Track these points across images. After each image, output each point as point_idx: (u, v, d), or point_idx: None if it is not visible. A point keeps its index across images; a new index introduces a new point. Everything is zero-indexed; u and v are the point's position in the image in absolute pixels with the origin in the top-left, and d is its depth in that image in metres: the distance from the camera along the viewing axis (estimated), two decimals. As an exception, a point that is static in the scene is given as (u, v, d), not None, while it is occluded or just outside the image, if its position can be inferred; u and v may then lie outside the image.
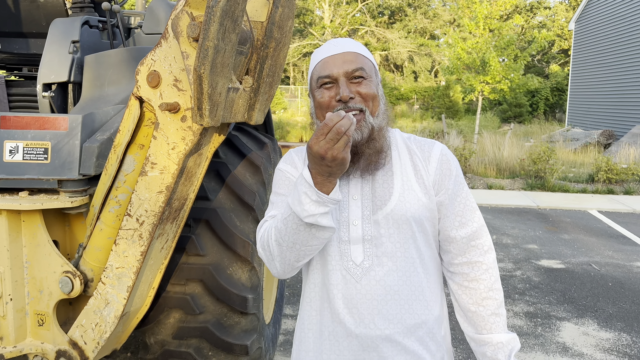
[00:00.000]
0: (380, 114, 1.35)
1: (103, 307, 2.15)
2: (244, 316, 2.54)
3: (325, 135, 1.12)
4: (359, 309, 1.33)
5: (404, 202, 1.34)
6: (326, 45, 1.39)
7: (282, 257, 1.30)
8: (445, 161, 1.40)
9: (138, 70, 1.90)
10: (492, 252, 1.41)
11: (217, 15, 1.62)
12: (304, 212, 1.19)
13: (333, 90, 1.32)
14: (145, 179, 1.99)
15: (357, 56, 1.34)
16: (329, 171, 1.15)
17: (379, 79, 1.39)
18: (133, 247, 2.07)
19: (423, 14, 35.58)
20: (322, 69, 1.34)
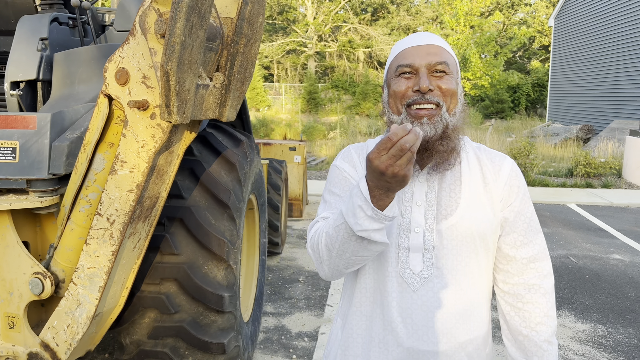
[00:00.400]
0: (457, 113, 1.29)
1: (75, 308, 2.12)
2: (220, 315, 2.53)
3: (387, 150, 1.04)
4: (413, 319, 1.29)
5: (471, 215, 1.29)
6: (411, 36, 1.34)
7: (331, 262, 1.26)
8: (515, 177, 1.34)
9: (106, 68, 1.88)
10: (551, 277, 1.36)
11: (183, 11, 1.61)
12: (357, 225, 1.14)
13: (412, 81, 1.26)
14: (115, 178, 1.97)
15: (442, 50, 1.29)
16: (387, 187, 1.09)
17: (459, 78, 1.34)
18: (104, 247, 2.04)
19: (406, 10, 35.70)
20: (404, 58, 1.28)
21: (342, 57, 34.56)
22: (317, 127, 17.41)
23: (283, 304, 4.27)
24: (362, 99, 29.41)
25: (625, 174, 9.54)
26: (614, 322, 4.00)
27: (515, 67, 31.23)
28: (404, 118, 1.27)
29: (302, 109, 28.17)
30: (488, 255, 1.34)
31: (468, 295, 1.30)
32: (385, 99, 1.34)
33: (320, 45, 33.73)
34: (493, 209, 1.32)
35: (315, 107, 28.38)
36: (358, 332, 1.38)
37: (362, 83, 30.22)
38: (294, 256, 5.49)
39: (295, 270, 5.07)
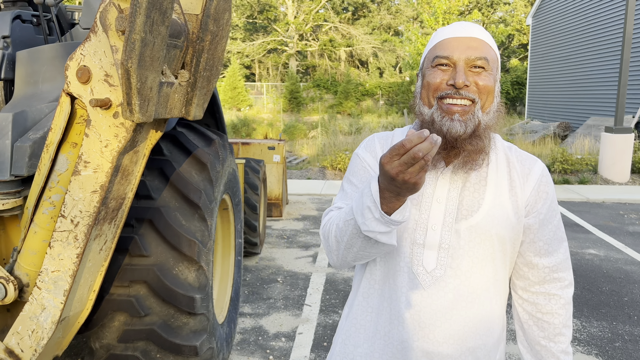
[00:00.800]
0: (492, 112, 1.23)
1: (39, 313, 2.07)
2: (192, 317, 2.49)
3: (400, 156, 1.00)
4: (421, 317, 1.26)
5: (492, 217, 1.24)
6: (453, 25, 1.27)
7: (339, 253, 1.24)
8: (545, 183, 1.29)
9: (67, 66, 1.83)
10: (572, 287, 1.33)
11: (143, 7, 1.57)
12: (364, 225, 1.12)
13: (448, 74, 1.20)
14: (79, 179, 1.92)
15: (484, 44, 1.23)
16: (398, 191, 1.06)
17: (499, 76, 1.28)
18: (68, 250, 1.99)
19: (387, 9, 35.83)
20: (442, 49, 1.22)
21: (323, 56, 34.56)
22: (298, 126, 17.37)
23: (261, 305, 4.24)
24: (344, 98, 29.43)
25: (600, 170, 9.68)
26: (588, 317, 4.05)
27: (494, 65, 31.43)
28: (434, 111, 1.22)
29: (284, 108, 28.10)
30: (505, 261, 1.30)
31: (481, 299, 1.26)
32: (418, 89, 1.29)
33: (302, 45, 33.68)
34: (517, 214, 1.27)
35: (297, 107, 28.33)
36: (362, 323, 1.36)
37: (344, 82, 30.26)
38: (273, 256, 5.46)
39: (274, 270, 5.04)
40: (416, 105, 1.28)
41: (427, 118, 1.23)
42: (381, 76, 34.16)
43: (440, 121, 1.20)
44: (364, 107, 29.49)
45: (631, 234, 6.34)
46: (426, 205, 1.27)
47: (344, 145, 11.94)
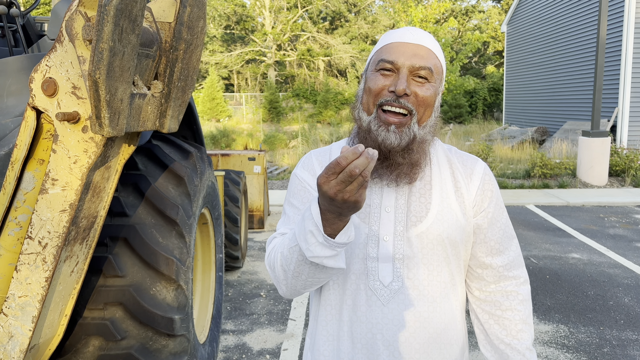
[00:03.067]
0: (428, 126, 1.21)
1: (6, 341, 1.94)
2: (171, 338, 2.37)
3: (336, 174, 0.94)
4: (384, 335, 1.21)
5: (442, 221, 1.21)
6: (402, 30, 1.24)
7: (288, 282, 1.17)
8: (488, 181, 1.28)
9: (32, 78, 1.72)
10: (528, 284, 1.32)
11: (111, 15, 1.48)
12: (309, 252, 1.06)
13: (390, 80, 1.17)
14: (46, 197, 1.81)
15: (430, 54, 1.19)
16: (339, 212, 1.00)
17: (442, 88, 1.25)
18: (36, 273, 1.87)
19: (364, 19, 36.08)
20: (388, 53, 1.18)
21: (301, 65, 34.60)
22: (278, 136, 17.29)
23: (244, 321, 4.12)
24: (324, 107, 29.45)
25: (579, 173, 9.79)
26: (575, 322, 4.02)
27: (471, 72, 31.93)
28: (372, 120, 1.18)
29: (264, 118, 28.00)
30: (460, 265, 1.28)
31: (443, 307, 1.24)
32: (360, 92, 1.25)
33: (280, 55, 33.68)
34: (465, 215, 1.25)
35: (276, 116, 28.27)
36: (325, 354, 1.29)
37: (323, 91, 30.29)
38: (255, 269, 5.34)
39: (256, 284, 4.93)
40: (356, 109, 1.24)
41: (364, 125, 1.20)
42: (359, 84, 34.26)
43: (376, 130, 1.17)
44: (343, 115, 29.53)
45: (612, 237, 6.38)
46: (375, 216, 1.24)
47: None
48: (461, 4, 37.25)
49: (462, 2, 37.45)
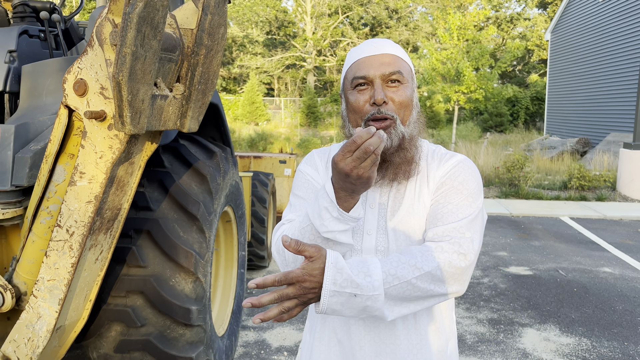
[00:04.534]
0: (412, 122, 1.29)
1: (35, 321, 2.10)
2: (188, 328, 2.50)
3: (352, 152, 1.06)
4: (365, 320, 1.32)
5: (413, 213, 1.29)
6: (363, 45, 1.33)
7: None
8: (459, 168, 1.30)
9: (65, 79, 1.87)
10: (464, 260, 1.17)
11: (134, 22, 1.61)
12: (323, 227, 1.16)
13: (367, 93, 1.26)
14: (75, 189, 1.96)
15: (396, 59, 1.28)
16: (353, 188, 1.11)
17: (415, 84, 1.34)
18: (64, 259, 2.02)
19: (405, 25, 35.95)
20: (358, 69, 1.28)
21: (340, 71, 34.73)
22: (313, 140, 17.44)
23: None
24: (361, 112, 29.44)
25: (619, 186, 9.50)
26: (599, 336, 3.95)
27: (514, 80, 31.35)
28: None
29: (301, 122, 28.24)
30: None
31: None
32: (344, 112, 1.35)
33: (320, 60, 33.92)
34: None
35: (314, 121, 28.46)
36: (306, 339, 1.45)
37: (361, 97, 30.29)
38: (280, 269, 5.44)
39: (280, 283, 5.03)
40: (346, 127, 1.34)
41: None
42: (399, 91, 34.12)
43: None
44: (381, 122, 29.44)
45: (648, 253, 6.19)
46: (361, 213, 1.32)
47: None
48: (506, 11, 36.64)
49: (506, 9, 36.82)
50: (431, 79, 11.97)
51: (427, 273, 1.14)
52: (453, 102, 11.82)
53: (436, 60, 11.42)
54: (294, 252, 1.06)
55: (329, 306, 1.08)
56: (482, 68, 11.79)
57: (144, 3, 1.61)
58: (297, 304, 1.06)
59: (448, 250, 1.18)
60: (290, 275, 1.05)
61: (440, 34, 11.78)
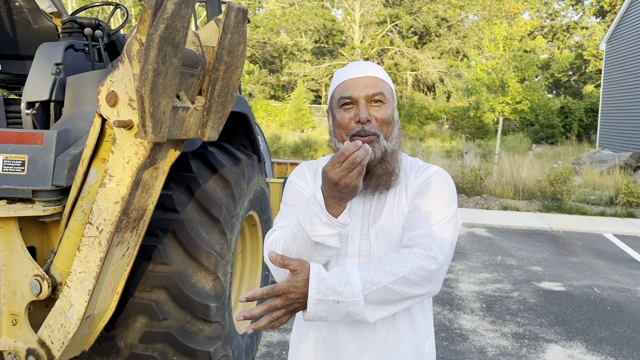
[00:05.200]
0: (394, 138, 1.42)
1: (67, 309, 2.31)
2: (207, 324, 2.66)
3: (341, 163, 1.18)
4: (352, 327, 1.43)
5: (392, 220, 1.41)
6: (349, 67, 1.46)
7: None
8: (433, 178, 1.42)
9: (99, 90, 2.08)
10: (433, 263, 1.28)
11: (156, 42, 1.79)
12: (314, 231, 1.27)
13: (352, 112, 1.40)
14: (104, 190, 2.16)
15: (378, 81, 1.42)
16: (341, 196, 1.23)
17: (395, 103, 1.47)
18: (93, 253, 2.23)
19: (455, 34, 35.57)
20: (344, 90, 1.41)
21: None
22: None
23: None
24: (407, 121, 29.35)
25: (671, 204, 9.11)
26: (627, 356, 3.86)
27: (569, 91, 30.40)
28: None
29: (347, 130, 28.31)
30: None
31: None
32: (331, 128, 1.49)
33: (367, 68, 33.97)
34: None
35: (359, 129, 28.47)
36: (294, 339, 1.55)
37: (408, 105, 30.20)
38: (311, 274, 5.57)
39: (309, 288, 5.16)
40: (332, 141, 1.47)
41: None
42: (448, 100, 33.81)
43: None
44: (427, 130, 29.24)
45: (693, 274, 5.94)
46: None
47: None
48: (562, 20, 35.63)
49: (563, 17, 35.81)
50: (475, 89, 11.85)
51: (401, 278, 1.25)
52: (497, 112, 11.65)
53: (480, 71, 11.31)
54: (279, 266, 1.19)
55: (315, 313, 1.20)
56: (528, 79, 11.57)
57: (165, 25, 1.79)
58: (284, 313, 1.19)
59: (420, 255, 1.29)
60: (277, 288, 1.18)
61: (486, 44, 11.67)
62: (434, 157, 12.04)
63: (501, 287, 5.34)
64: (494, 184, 10.52)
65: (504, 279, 5.61)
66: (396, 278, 1.25)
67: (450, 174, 9.41)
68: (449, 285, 5.35)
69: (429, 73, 33.53)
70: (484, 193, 10.23)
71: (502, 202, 9.76)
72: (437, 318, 4.48)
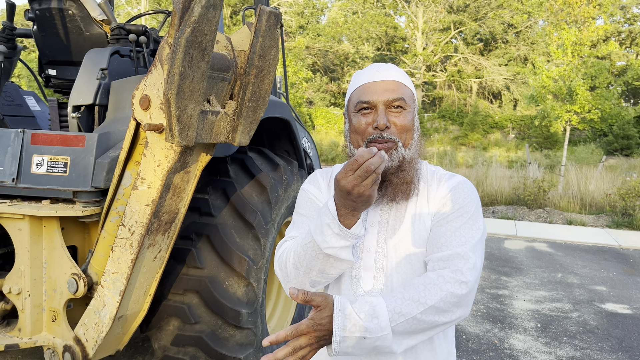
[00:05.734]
0: (413, 146, 1.33)
1: (101, 308, 2.36)
2: (238, 330, 2.64)
3: (354, 171, 1.11)
4: None
5: (413, 232, 1.31)
6: (369, 70, 1.38)
7: (298, 280, 1.31)
8: (458, 190, 1.32)
9: (134, 95, 2.10)
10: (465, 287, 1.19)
11: (182, 45, 1.79)
12: (325, 243, 1.20)
13: (370, 117, 1.31)
14: (136, 193, 2.19)
15: (399, 85, 1.33)
16: (354, 206, 1.16)
17: (416, 109, 1.38)
18: (125, 255, 2.26)
19: (523, 40, 34.33)
20: (363, 94, 1.33)
21: (451, 87, 33.99)
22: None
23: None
24: (470, 129, 28.58)
25: None
26: (699, 391, 3.50)
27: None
28: None
29: (407, 138, 27.94)
30: None
31: None
32: (347, 132, 1.41)
33: (429, 76, 33.46)
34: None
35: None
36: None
37: (471, 113, 29.41)
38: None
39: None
40: (347, 147, 1.38)
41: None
42: (514, 108, 32.65)
43: None
44: (492, 139, 28.33)
45: None
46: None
47: (458, 179, 11.52)
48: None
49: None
50: (540, 97, 11.32)
51: (431, 307, 1.17)
52: (564, 122, 11.07)
53: (546, 78, 10.79)
54: (301, 303, 1.11)
55: (341, 350, 1.12)
56: (599, 86, 10.91)
57: (191, 29, 1.79)
58: (309, 351, 1.12)
59: (449, 279, 1.20)
60: (300, 328, 1.10)
61: (552, 50, 11.13)
62: (494, 167, 11.59)
63: (559, 307, 5.01)
64: (559, 196, 9.98)
65: (563, 298, 5.26)
66: (425, 308, 1.17)
67: (510, 186, 8.95)
68: (502, 302, 5.09)
69: (494, 80, 32.52)
70: (547, 206, 9.72)
71: (566, 216, 9.23)
72: (486, 336, 4.26)
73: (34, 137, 2.49)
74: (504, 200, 10.16)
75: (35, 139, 2.49)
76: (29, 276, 2.46)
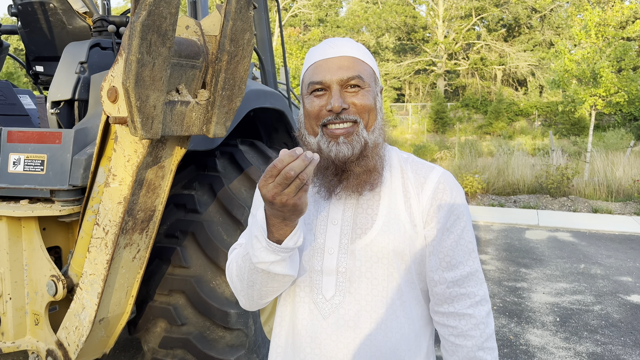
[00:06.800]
0: (377, 129, 1.18)
1: (80, 311, 2.27)
2: (228, 331, 2.52)
3: (274, 177, 0.97)
4: (322, 349, 1.17)
5: (387, 232, 1.16)
6: (322, 46, 1.22)
7: (245, 293, 1.20)
8: (442, 190, 1.19)
9: (102, 87, 1.99)
10: (486, 304, 1.19)
11: (137, 30, 1.66)
12: (255, 257, 1.09)
13: (324, 99, 1.16)
14: (109, 190, 2.08)
15: (355, 62, 1.17)
16: (282, 215, 1.02)
17: (378, 89, 1.23)
18: (100, 255, 2.16)
19: (548, 24, 33.39)
20: (314, 74, 1.18)
21: (474, 75, 33.32)
22: (430, 146, 16.92)
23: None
24: (494, 118, 27.93)
25: None
26: None
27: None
28: (320, 139, 1.17)
29: (429, 128, 27.59)
30: (411, 279, 1.19)
31: (388, 325, 1.16)
32: (301, 118, 1.25)
33: (451, 64, 32.87)
34: (414, 226, 1.18)
35: (442, 127, 27.61)
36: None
37: (495, 101, 28.75)
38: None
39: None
40: (302, 135, 1.22)
41: (314, 147, 1.17)
42: (540, 95, 31.82)
43: (327, 147, 1.15)
44: (517, 127, 27.66)
45: None
46: (321, 229, 1.20)
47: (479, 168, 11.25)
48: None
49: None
50: (563, 81, 10.90)
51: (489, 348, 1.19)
52: (589, 106, 10.64)
53: (569, 61, 10.37)
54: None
55: None
56: (625, 68, 10.45)
57: (147, 12, 1.66)
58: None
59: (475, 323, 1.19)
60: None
61: (575, 32, 10.68)
62: (517, 155, 11.22)
63: (581, 299, 4.77)
64: (584, 184, 9.61)
65: (585, 290, 5.01)
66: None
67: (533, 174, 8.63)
68: (520, 295, 4.87)
69: (518, 67, 31.74)
70: (571, 194, 9.37)
71: (592, 204, 8.88)
72: (501, 332, 4.06)
73: (10, 135, 2.41)
74: (526, 189, 9.84)
75: (11, 137, 2.41)
76: (9, 279, 2.39)
